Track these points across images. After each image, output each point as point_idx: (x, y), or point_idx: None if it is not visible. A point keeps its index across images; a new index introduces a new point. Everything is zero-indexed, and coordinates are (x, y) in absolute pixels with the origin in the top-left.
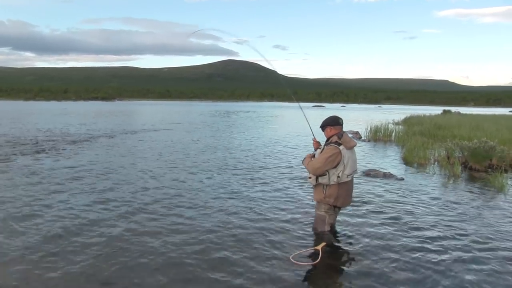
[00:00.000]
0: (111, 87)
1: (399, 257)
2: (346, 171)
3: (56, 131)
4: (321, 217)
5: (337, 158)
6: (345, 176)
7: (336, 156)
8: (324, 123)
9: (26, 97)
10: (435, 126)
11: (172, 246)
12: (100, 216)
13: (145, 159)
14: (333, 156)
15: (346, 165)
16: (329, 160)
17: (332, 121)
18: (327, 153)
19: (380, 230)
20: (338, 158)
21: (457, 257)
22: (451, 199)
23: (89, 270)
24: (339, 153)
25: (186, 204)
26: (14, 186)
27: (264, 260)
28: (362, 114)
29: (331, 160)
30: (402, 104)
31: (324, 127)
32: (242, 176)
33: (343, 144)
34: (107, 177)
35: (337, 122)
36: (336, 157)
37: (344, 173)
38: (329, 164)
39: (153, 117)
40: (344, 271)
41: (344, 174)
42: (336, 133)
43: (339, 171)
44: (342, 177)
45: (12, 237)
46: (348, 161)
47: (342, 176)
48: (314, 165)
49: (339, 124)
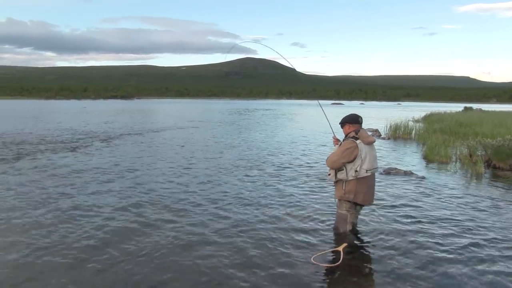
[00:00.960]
0: (130, 85)
1: (421, 257)
2: (365, 166)
3: (79, 129)
4: (343, 216)
5: (354, 151)
6: (363, 171)
7: (353, 149)
8: (343, 120)
9: (47, 96)
10: (456, 124)
11: (188, 250)
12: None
13: (172, 157)
14: (350, 149)
15: (364, 159)
16: (346, 152)
17: (351, 119)
18: (344, 146)
19: (401, 230)
20: (355, 151)
21: (482, 257)
22: (474, 198)
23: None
24: (355, 147)
25: (203, 202)
26: (45, 183)
27: (285, 261)
28: (381, 111)
29: (348, 153)
30: (421, 101)
31: (343, 124)
32: (266, 174)
33: (360, 139)
34: (142, 176)
35: (356, 120)
36: (353, 151)
37: (363, 168)
38: (346, 157)
39: (174, 115)
40: (366, 272)
41: (363, 169)
42: (354, 130)
43: (356, 165)
44: (360, 172)
45: (47, 234)
46: (366, 155)
47: (360, 170)
48: (331, 158)
49: (358, 122)
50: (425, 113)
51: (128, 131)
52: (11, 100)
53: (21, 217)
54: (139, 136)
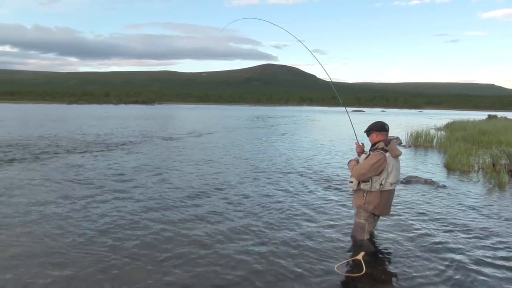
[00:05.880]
0: (152, 90)
1: (439, 266)
2: (390, 179)
3: (101, 134)
4: (361, 224)
5: (382, 164)
6: (388, 184)
7: (381, 162)
8: (370, 128)
9: (69, 101)
10: (479, 132)
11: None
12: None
13: (199, 162)
14: (379, 162)
15: (390, 173)
16: (374, 166)
17: (379, 126)
18: (373, 159)
19: (420, 239)
20: (383, 165)
21: (503, 268)
22: (497, 208)
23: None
24: (384, 159)
25: (226, 208)
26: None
27: (308, 269)
28: (403, 119)
29: (376, 166)
30: (444, 109)
31: (370, 132)
32: (289, 179)
33: (389, 152)
34: (175, 180)
35: (384, 128)
36: (381, 164)
37: (388, 181)
38: (374, 171)
39: (197, 121)
40: (388, 281)
41: (388, 182)
42: (383, 140)
43: (382, 178)
44: (385, 185)
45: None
46: (392, 169)
47: (385, 184)
48: (359, 171)
49: (385, 130)
50: (447, 121)
51: (154, 136)
52: (35, 105)
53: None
54: (170, 141)
